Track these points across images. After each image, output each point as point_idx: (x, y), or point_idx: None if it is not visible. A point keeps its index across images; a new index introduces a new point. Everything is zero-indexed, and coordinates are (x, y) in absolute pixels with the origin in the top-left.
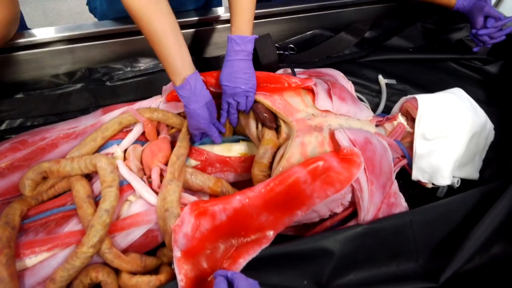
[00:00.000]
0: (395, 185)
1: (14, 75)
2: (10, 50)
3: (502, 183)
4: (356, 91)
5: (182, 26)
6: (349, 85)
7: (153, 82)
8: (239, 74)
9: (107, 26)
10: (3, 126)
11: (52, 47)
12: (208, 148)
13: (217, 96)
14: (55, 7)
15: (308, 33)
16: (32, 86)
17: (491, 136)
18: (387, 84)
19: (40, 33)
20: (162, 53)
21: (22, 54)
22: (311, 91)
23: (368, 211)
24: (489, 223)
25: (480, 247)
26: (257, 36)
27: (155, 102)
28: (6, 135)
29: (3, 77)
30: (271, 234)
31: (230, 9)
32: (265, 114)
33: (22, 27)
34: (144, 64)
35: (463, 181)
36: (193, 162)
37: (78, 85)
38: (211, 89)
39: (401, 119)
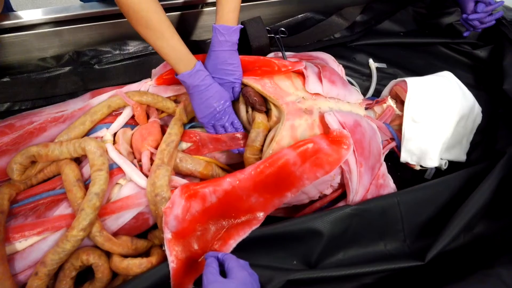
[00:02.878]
0: (384, 167)
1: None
2: None
3: (488, 165)
4: (346, 74)
5: (169, 9)
6: (340, 69)
7: (142, 65)
8: (223, 65)
9: (95, 8)
10: None
11: (39, 29)
12: (199, 130)
13: None
14: None
15: (299, 16)
16: (19, 69)
17: (479, 119)
18: (377, 68)
19: (27, 15)
20: (167, 43)
21: (7, 37)
22: (301, 74)
23: (357, 192)
24: (474, 204)
25: (464, 227)
26: (242, 26)
27: (145, 85)
28: None
29: None
30: (261, 215)
31: None
32: (255, 98)
33: (8, 9)
34: (133, 47)
35: (451, 163)
36: (184, 145)
37: (66, 69)
38: None
39: (390, 102)
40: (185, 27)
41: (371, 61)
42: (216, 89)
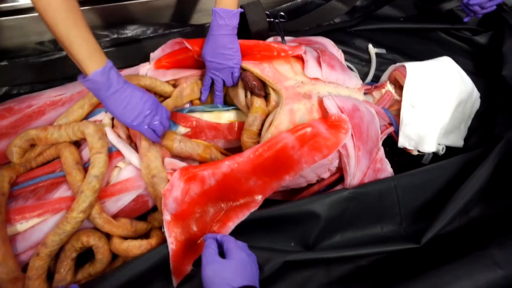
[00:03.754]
0: (382, 151)
1: None
2: None
3: (485, 150)
4: (346, 60)
5: None
6: (339, 54)
7: (141, 49)
8: (223, 49)
9: None
10: None
11: (36, 13)
12: (198, 115)
13: (202, 66)
14: None
15: (299, 0)
16: (17, 53)
17: (477, 105)
18: (377, 54)
19: None
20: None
21: (5, 20)
22: (300, 59)
23: (354, 176)
24: (470, 188)
25: (460, 210)
26: (242, 10)
27: (143, 69)
28: None
29: None
30: (259, 198)
31: None
32: (254, 82)
33: None
34: (131, 31)
35: (448, 148)
36: (182, 129)
37: (64, 53)
38: (197, 58)
39: (389, 87)
40: (184, 11)
41: (370, 46)
42: (134, 88)
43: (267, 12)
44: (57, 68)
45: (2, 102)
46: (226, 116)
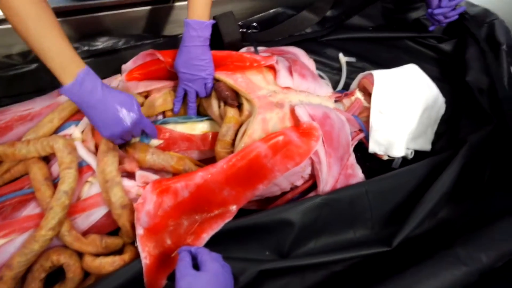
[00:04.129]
0: (353, 157)
1: None
2: None
3: (450, 154)
4: (317, 69)
5: (140, 4)
6: (311, 63)
7: (112, 61)
8: (195, 60)
9: (63, 3)
10: None
11: (4, 25)
12: (171, 126)
13: (174, 77)
14: None
15: (271, 11)
16: None
17: (443, 110)
18: (347, 62)
19: None
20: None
21: None
22: (272, 68)
23: (326, 183)
24: (437, 190)
25: (429, 212)
26: (215, 21)
27: (114, 81)
28: None
29: None
30: (234, 208)
31: None
32: (227, 93)
33: None
34: (102, 43)
35: (417, 152)
36: (155, 141)
37: (33, 65)
38: (169, 69)
39: (358, 95)
40: (156, 22)
41: (341, 55)
42: (115, 100)
43: (239, 23)
44: (26, 82)
45: None
46: (200, 127)
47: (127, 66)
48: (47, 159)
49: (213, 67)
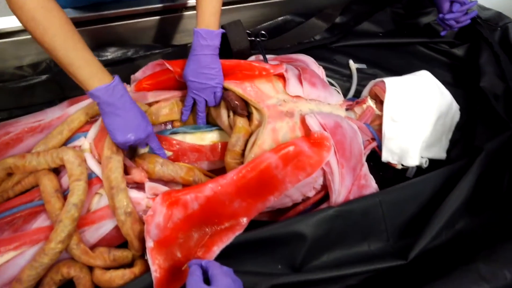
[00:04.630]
0: (366, 167)
1: None
2: None
3: (467, 162)
4: (327, 76)
5: (149, 14)
6: (320, 71)
7: (122, 71)
8: (205, 69)
9: (73, 14)
10: None
11: (15, 37)
12: (180, 137)
13: (183, 87)
14: None
15: (279, 19)
16: None
17: (457, 117)
18: (357, 69)
19: (2, 23)
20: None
21: None
22: (282, 77)
23: (339, 194)
24: (454, 201)
25: (445, 224)
26: (224, 30)
27: None
28: None
29: None
30: (244, 220)
31: (196, 1)
32: (236, 102)
33: None
34: (111, 53)
35: (431, 161)
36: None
37: (43, 77)
38: (178, 79)
39: (370, 103)
40: (165, 32)
41: (351, 62)
42: (138, 110)
43: (248, 31)
44: (36, 93)
45: None
46: (209, 137)
47: (136, 76)
48: (57, 171)
49: (222, 76)
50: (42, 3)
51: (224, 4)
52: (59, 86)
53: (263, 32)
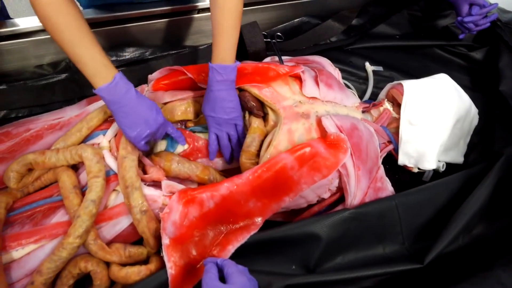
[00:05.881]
0: (382, 170)
1: None
2: None
3: (485, 166)
4: (343, 78)
5: (165, 15)
6: (336, 72)
7: (139, 71)
8: (223, 103)
9: (92, 14)
10: None
11: (36, 36)
12: (201, 135)
13: (198, 88)
14: None
15: (295, 20)
16: (16, 77)
17: (476, 121)
18: (374, 71)
19: (23, 23)
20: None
21: (4, 45)
22: (298, 78)
23: (355, 196)
24: (472, 205)
25: (463, 228)
26: (239, 63)
27: (141, 91)
28: None
29: None
30: (259, 220)
31: (212, 31)
32: (253, 103)
33: (4, 17)
34: (129, 53)
35: (449, 165)
36: (180, 148)
37: (63, 75)
38: (199, 84)
39: (387, 105)
40: (181, 33)
41: (367, 64)
42: (141, 103)
43: (264, 32)
44: (56, 91)
45: (0, 127)
46: None
47: (153, 76)
48: (76, 167)
49: (240, 109)
50: None
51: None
52: (78, 85)
53: (279, 33)
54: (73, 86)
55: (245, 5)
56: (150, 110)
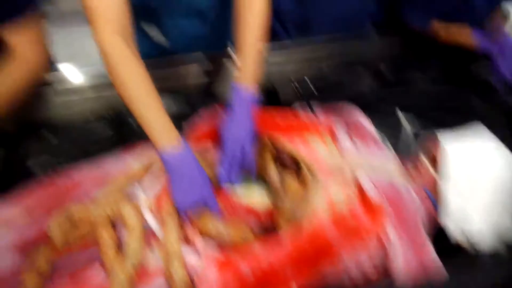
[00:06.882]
0: (424, 235)
1: (43, 116)
2: (42, 93)
3: None
4: (374, 126)
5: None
6: (368, 121)
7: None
8: (237, 123)
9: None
10: (30, 163)
11: (84, 95)
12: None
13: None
14: (83, 47)
15: (325, 69)
16: (65, 130)
17: None
18: (405, 118)
19: (72, 77)
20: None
21: (57, 99)
22: (331, 131)
23: (401, 269)
24: None
25: None
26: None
27: None
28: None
29: (33, 117)
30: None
31: (236, 53)
32: (288, 159)
33: (52, 68)
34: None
35: None
36: None
37: (106, 128)
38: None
39: (425, 162)
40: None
41: (398, 111)
42: (201, 177)
43: (295, 81)
44: (99, 143)
45: (44, 174)
46: (259, 196)
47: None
48: (114, 223)
49: (252, 131)
50: (125, 54)
51: (271, 52)
52: (120, 138)
53: (310, 82)
54: (116, 139)
55: (279, 49)
56: (205, 183)
